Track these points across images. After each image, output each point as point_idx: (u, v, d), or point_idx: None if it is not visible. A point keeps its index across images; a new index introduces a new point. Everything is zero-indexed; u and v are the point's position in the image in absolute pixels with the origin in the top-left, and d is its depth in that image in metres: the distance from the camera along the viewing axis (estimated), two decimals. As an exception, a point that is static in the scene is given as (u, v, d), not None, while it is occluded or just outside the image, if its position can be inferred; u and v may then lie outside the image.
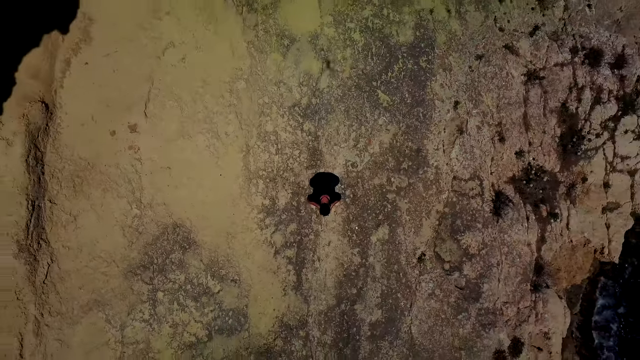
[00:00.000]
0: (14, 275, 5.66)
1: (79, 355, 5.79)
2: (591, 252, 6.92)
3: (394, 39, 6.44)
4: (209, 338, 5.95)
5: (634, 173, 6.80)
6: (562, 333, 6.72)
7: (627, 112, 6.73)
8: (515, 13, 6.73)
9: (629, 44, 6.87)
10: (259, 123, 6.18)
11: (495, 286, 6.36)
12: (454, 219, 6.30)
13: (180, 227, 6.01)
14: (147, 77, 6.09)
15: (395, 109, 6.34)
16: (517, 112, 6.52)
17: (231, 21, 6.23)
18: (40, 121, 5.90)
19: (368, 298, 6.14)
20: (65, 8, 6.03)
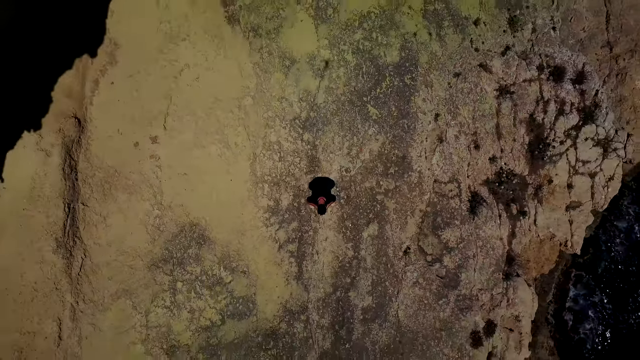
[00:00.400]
0: (53, 268, 6.54)
1: (109, 338, 6.66)
2: (557, 245, 7.84)
3: (382, 59, 7.33)
4: (222, 322, 6.83)
5: (594, 175, 7.72)
6: (530, 316, 7.63)
7: (587, 122, 7.64)
8: (489, 35, 7.63)
9: (589, 62, 7.79)
10: (264, 134, 7.05)
11: (472, 275, 7.27)
12: (435, 217, 7.20)
13: (196, 226, 6.89)
14: (165, 95, 6.96)
15: (383, 121, 7.23)
16: (490, 123, 7.43)
17: (239, 45, 7.11)
18: (74, 134, 6.77)
19: (360, 286, 7.04)
20: (94, 34, 6.90)
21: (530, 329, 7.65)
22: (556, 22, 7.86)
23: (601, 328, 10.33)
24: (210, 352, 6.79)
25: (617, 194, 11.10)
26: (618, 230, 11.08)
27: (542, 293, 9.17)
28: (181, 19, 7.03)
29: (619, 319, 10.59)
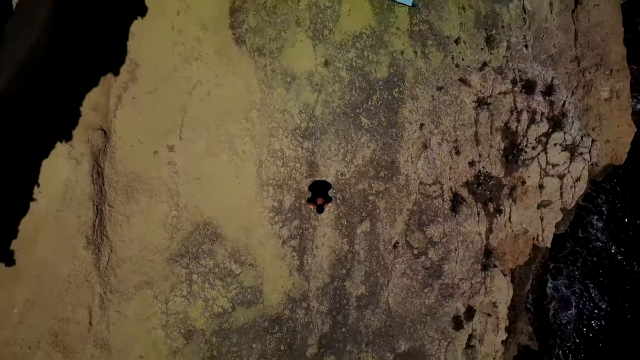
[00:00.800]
0: (84, 262, 7.41)
1: (133, 324, 7.55)
2: (529, 239, 8.77)
3: (373, 75, 8.24)
4: (232, 309, 7.73)
5: (563, 177, 8.65)
6: (506, 302, 8.56)
7: (556, 130, 8.58)
8: (468, 52, 8.55)
9: (557, 76, 8.72)
10: (269, 143, 7.94)
11: (453, 266, 8.19)
12: (421, 215, 8.12)
13: (209, 224, 7.78)
14: (180, 108, 7.84)
15: (374, 130, 8.14)
16: (470, 131, 8.34)
17: (245, 64, 8.00)
18: (101, 144, 7.65)
19: (355, 276, 7.95)
20: (117, 55, 7.77)
21: (506, 314, 8.57)
22: (528, 41, 8.80)
23: (581, 314, 11.34)
24: (223, 335, 7.69)
25: (594, 194, 12.11)
26: (594, 227, 12.09)
27: (520, 283, 10.14)
28: (194, 41, 7.92)
29: (598, 306, 11.61)
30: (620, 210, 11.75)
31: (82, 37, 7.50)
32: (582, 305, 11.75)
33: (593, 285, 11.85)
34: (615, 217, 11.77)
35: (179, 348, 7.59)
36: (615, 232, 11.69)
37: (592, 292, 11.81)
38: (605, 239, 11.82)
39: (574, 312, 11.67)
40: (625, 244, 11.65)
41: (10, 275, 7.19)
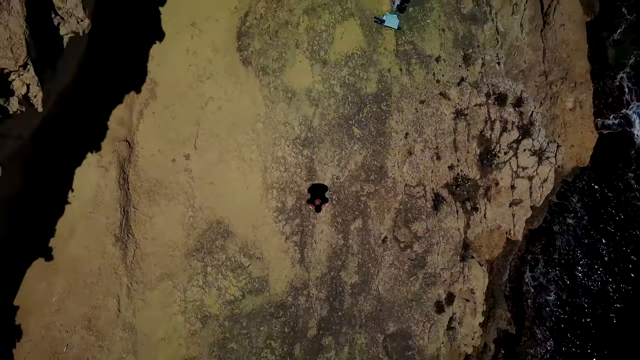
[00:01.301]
0: (113, 257, 8.50)
1: (156, 310, 8.64)
2: (503, 233, 9.93)
3: (363, 91, 9.36)
4: (242, 297, 8.84)
5: (532, 178, 9.81)
6: (482, 289, 9.71)
7: (525, 137, 9.73)
8: (447, 69, 9.69)
9: (525, 90, 9.88)
10: (273, 151, 9.05)
11: (436, 258, 9.33)
12: (406, 213, 9.25)
13: (221, 223, 8.88)
14: (195, 121, 8.93)
15: (364, 139, 9.27)
16: (449, 139, 9.49)
17: (251, 82, 9.10)
18: (126, 154, 8.73)
19: (349, 267, 9.08)
20: (138, 76, 8.85)
21: (483, 299, 9.73)
22: (500, 58, 9.95)
23: (557, 301, 12.55)
24: (234, 320, 8.80)
25: (567, 193, 13.29)
26: (568, 222, 13.31)
27: (498, 273, 11.32)
28: (206, 62, 9.01)
29: (572, 293, 12.82)
30: (591, 207, 12.95)
31: (109, 61, 8.58)
32: (558, 292, 12.97)
33: (568, 274, 13.07)
34: (587, 213, 12.97)
35: (196, 331, 8.70)
36: (587, 227, 12.89)
37: (567, 280, 13.02)
38: (579, 232, 13.03)
39: (550, 299, 12.89)
40: (595, 236, 12.86)
41: (49, 269, 8.27)
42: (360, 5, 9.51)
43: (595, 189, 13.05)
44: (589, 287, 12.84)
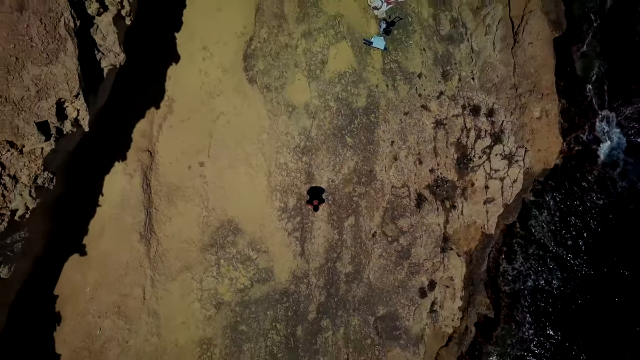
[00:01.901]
0: (138, 252, 9.77)
1: (176, 298, 9.93)
2: (478, 228, 11.30)
3: (354, 104, 10.69)
4: (251, 285, 10.14)
5: (503, 179, 11.18)
6: (460, 277, 11.07)
7: (496, 143, 11.10)
8: (428, 84, 11.04)
9: (497, 101, 11.24)
10: (276, 158, 10.36)
11: (419, 250, 10.67)
12: (393, 211, 10.60)
13: (232, 221, 10.18)
14: (208, 133, 10.21)
15: (356, 146, 10.60)
16: (430, 146, 10.84)
17: (256, 98, 10.39)
18: (148, 162, 10.00)
19: (343, 259, 10.42)
20: (158, 94, 10.12)
21: (461, 286, 11.10)
22: (475, 74, 11.32)
23: (532, 288, 13.96)
24: (244, 305, 10.11)
25: (540, 190, 14.66)
26: (541, 216, 14.72)
27: (477, 264, 12.71)
28: (216, 81, 10.29)
29: (547, 280, 14.22)
30: (562, 203, 14.37)
31: (134, 82, 9.84)
32: (533, 280, 14.38)
33: (542, 263, 14.49)
34: (558, 209, 14.38)
35: (211, 316, 10.01)
36: (558, 221, 14.31)
37: (541, 269, 14.44)
38: (552, 226, 14.44)
39: (526, 286, 14.31)
40: (566, 229, 14.28)
41: (83, 263, 9.54)
42: (351, 29, 10.84)
43: (565, 187, 14.46)
44: (560, 274, 14.27)
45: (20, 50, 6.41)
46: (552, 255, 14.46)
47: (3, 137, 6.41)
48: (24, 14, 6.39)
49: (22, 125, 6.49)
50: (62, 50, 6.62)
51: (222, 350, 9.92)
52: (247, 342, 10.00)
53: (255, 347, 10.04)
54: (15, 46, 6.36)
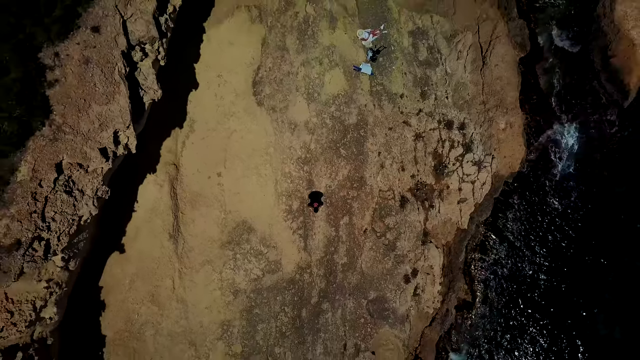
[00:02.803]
0: (168, 249, 11.66)
1: (200, 287, 11.84)
2: (454, 224, 13.32)
3: (347, 121, 12.65)
4: (263, 275, 12.07)
5: (474, 182, 13.20)
6: (439, 265, 13.07)
7: (468, 152, 13.12)
8: (409, 103, 13.02)
9: (468, 116, 13.26)
10: (281, 168, 12.29)
11: (403, 243, 12.67)
12: (381, 211, 12.58)
13: (246, 222, 12.10)
14: (223, 148, 12.12)
15: (349, 157, 12.56)
16: (410, 155, 12.83)
17: (264, 118, 12.31)
18: (174, 173, 11.90)
19: (340, 252, 12.38)
20: (181, 116, 12.01)
21: (440, 273, 13.12)
22: (449, 93, 13.33)
23: (501, 275, 16.01)
24: (257, 292, 12.04)
25: (509, 191, 16.67)
26: (510, 214, 16.74)
27: (455, 254, 14.74)
28: (230, 104, 12.21)
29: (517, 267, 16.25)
30: (527, 202, 16.44)
31: (161, 107, 11.72)
32: (505, 267, 16.41)
33: (513, 253, 16.54)
34: (524, 207, 16.45)
35: (230, 301, 11.94)
36: (523, 217, 16.38)
37: (511, 258, 16.51)
38: (518, 222, 16.50)
39: (498, 273, 16.37)
40: (530, 225, 16.36)
41: (122, 259, 11.43)
42: (343, 58, 12.80)
43: (530, 188, 16.49)
44: (530, 262, 16.36)
45: (87, 94, 8.32)
46: (520, 246, 16.54)
47: (75, 160, 8.32)
48: (89, 66, 8.30)
49: (89, 151, 8.40)
50: (117, 92, 8.54)
51: (240, 330, 11.86)
52: (261, 322, 11.95)
53: (268, 327, 11.99)
54: (83, 91, 8.27)
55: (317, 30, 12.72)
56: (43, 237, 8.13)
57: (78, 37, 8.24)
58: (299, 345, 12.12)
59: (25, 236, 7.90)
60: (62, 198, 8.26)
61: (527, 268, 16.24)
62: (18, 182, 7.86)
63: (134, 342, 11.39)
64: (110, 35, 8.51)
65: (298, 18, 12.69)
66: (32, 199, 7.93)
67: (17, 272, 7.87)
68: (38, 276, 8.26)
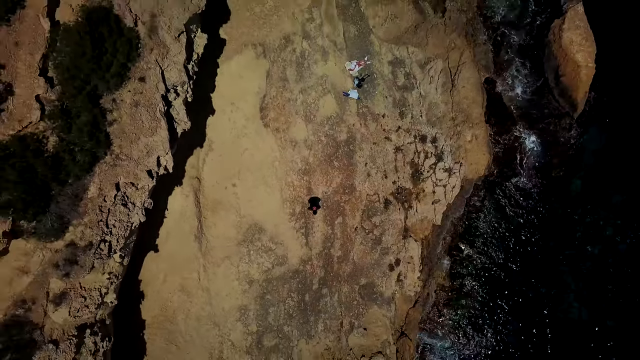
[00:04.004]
0: (194, 248, 14.18)
1: (221, 279, 14.40)
2: (430, 221, 15.99)
3: (339, 138, 15.24)
4: (272, 267, 14.64)
5: (445, 186, 15.87)
6: (418, 256, 15.74)
7: (439, 161, 15.79)
8: (389, 122, 15.66)
9: (439, 131, 15.93)
10: (285, 178, 14.86)
11: (388, 238, 15.30)
12: (369, 212, 15.21)
13: (257, 224, 14.66)
14: (237, 163, 14.67)
15: (341, 168, 15.16)
16: (392, 165, 15.47)
17: (270, 137, 14.85)
18: (197, 185, 14.43)
19: (335, 246, 15.00)
20: (201, 137, 14.54)
21: (419, 262, 15.78)
22: (423, 112, 15.99)
23: (474, 261, 18.72)
24: (268, 281, 14.61)
25: (477, 192, 19.33)
26: (478, 212, 19.40)
27: (433, 247, 17.43)
28: (242, 127, 14.75)
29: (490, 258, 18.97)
30: (494, 202, 19.17)
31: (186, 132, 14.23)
32: (475, 256, 19.09)
33: (483, 244, 19.27)
34: (491, 206, 19.17)
35: (246, 289, 14.50)
36: (491, 215, 19.11)
37: (484, 249, 19.23)
38: (486, 219, 19.22)
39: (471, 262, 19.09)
40: (497, 221, 19.10)
41: (157, 257, 13.94)
42: (334, 85, 15.39)
43: (497, 187, 19.23)
44: (498, 253, 19.11)
45: (137, 129, 10.85)
46: (491, 238, 19.29)
47: (129, 180, 10.84)
48: (138, 108, 10.83)
49: (139, 173, 10.93)
50: (158, 126, 11.08)
51: (254, 312, 14.43)
52: (271, 306, 14.53)
53: (277, 309, 14.57)
54: (134, 127, 10.81)
55: (312, 63, 15.29)
56: (107, 240, 10.65)
57: (129, 86, 10.77)
58: (304, 324, 14.73)
59: (95, 239, 10.42)
60: (120, 209, 10.79)
61: (497, 257, 19.01)
62: (89, 198, 10.38)
63: (168, 325, 13.92)
64: (152, 82, 11.05)
65: (296, 53, 15.26)
66: (99, 211, 10.45)
67: (90, 266, 10.39)
68: (103, 270, 10.78)
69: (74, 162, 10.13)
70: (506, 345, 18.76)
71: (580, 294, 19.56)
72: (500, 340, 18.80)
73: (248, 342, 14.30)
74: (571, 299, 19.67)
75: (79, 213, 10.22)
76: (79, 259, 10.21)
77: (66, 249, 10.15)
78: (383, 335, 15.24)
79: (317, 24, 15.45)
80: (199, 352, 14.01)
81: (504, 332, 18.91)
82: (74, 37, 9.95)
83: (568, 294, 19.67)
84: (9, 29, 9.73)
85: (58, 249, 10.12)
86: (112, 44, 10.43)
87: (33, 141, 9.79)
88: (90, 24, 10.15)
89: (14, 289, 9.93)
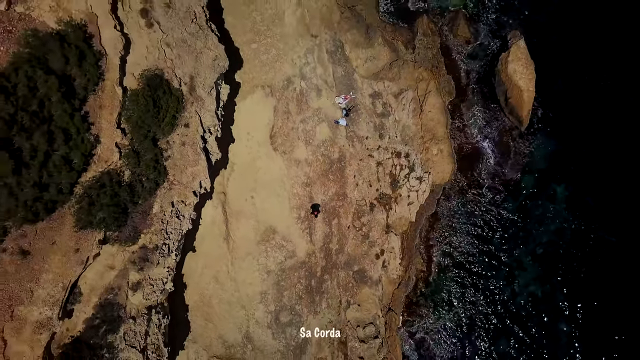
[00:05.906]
0: (224, 248, 18.23)
1: (245, 271, 18.46)
2: (407, 219, 20.23)
3: (332, 157, 19.43)
4: (284, 260, 18.74)
5: (417, 191, 20.15)
6: (398, 246, 19.98)
7: (412, 171, 20.06)
8: (371, 142, 19.88)
9: (411, 148, 20.20)
10: (292, 190, 19.00)
11: (374, 233, 19.50)
12: (358, 213, 19.40)
13: (272, 227, 18.75)
14: (254, 180, 18.75)
15: (335, 180, 19.34)
16: (375, 176, 19.69)
17: (279, 158, 18.97)
18: (224, 199, 18.50)
19: (333, 242, 19.16)
20: (224, 161, 18.61)
21: (400, 251, 20.04)
22: (398, 133, 20.24)
23: (450, 249, 23.07)
24: (282, 271, 18.71)
25: (445, 193, 23.65)
26: (449, 209, 23.68)
27: (412, 239, 21.74)
28: (256, 151, 18.85)
29: (465, 250, 23.30)
30: (463, 199, 23.51)
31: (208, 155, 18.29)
32: (448, 246, 23.40)
33: (455, 237, 23.56)
34: (461, 205, 23.51)
35: (265, 278, 18.63)
36: (461, 210, 23.45)
37: (458, 238, 23.52)
38: (459, 216, 23.55)
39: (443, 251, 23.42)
40: (468, 217, 23.45)
41: (195, 256, 17.97)
42: (327, 115, 19.57)
43: (465, 187, 23.58)
44: (468, 245, 23.47)
45: (185, 162, 14.94)
46: (460, 231, 23.62)
47: (180, 199, 14.92)
48: (185, 146, 14.91)
49: (187, 194, 15.01)
50: (200, 159, 15.17)
51: (272, 296, 18.55)
52: (285, 290, 18.67)
53: (290, 293, 18.72)
54: (182, 160, 14.90)
55: (309, 99, 19.45)
56: (166, 243, 14.71)
57: (178, 130, 14.85)
58: (311, 303, 18.90)
59: (159, 243, 14.47)
60: (174, 220, 14.86)
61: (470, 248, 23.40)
62: (153, 213, 14.43)
63: (206, 308, 17.97)
64: (194, 127, 15.14)
65: (296, 91, 19.39)
66: (160, 222, 14.51)
67: (156, 263, 14.43)
68: (164, 265, 14.83)
69: (143, 188, 14.16)
70: (473, 319, 23.15)
71: (536, 271, 23.97)
72: (470, 315, 23.17)
73: (268, 319, 18.42)
74: (528, 279, 24.08)
75: (147, 224, 14.26)
76: (148, 257, 14.26)
77: (140, 250, 14.18)
78: (373, 310, 19.47)
79: (312, 67, 19.62)
80: (231, 328, 18.10)
81: (472, 308, 23.27)
82: (140, 100, 14.00)
83: (525, 273, 24.08)
84: (95, 96, 13.75)
85: (134, 251, 14.14)
86: (166, 101, 14.49)
87: (115, 175, 13.81)
88: (150, 88, 14.21)
89: (105, 280, 13.94)
